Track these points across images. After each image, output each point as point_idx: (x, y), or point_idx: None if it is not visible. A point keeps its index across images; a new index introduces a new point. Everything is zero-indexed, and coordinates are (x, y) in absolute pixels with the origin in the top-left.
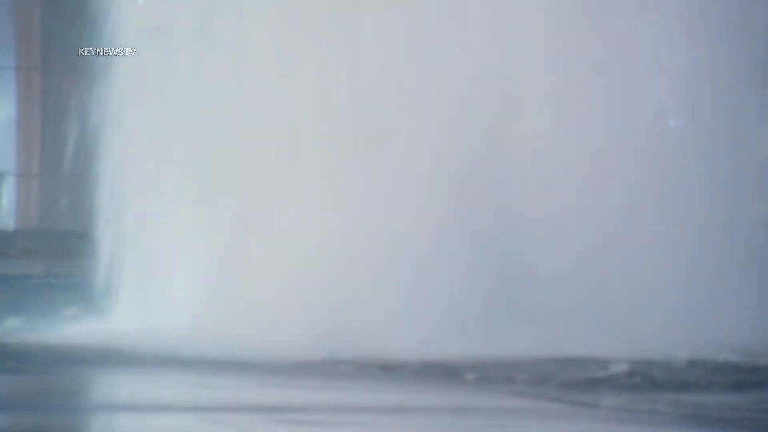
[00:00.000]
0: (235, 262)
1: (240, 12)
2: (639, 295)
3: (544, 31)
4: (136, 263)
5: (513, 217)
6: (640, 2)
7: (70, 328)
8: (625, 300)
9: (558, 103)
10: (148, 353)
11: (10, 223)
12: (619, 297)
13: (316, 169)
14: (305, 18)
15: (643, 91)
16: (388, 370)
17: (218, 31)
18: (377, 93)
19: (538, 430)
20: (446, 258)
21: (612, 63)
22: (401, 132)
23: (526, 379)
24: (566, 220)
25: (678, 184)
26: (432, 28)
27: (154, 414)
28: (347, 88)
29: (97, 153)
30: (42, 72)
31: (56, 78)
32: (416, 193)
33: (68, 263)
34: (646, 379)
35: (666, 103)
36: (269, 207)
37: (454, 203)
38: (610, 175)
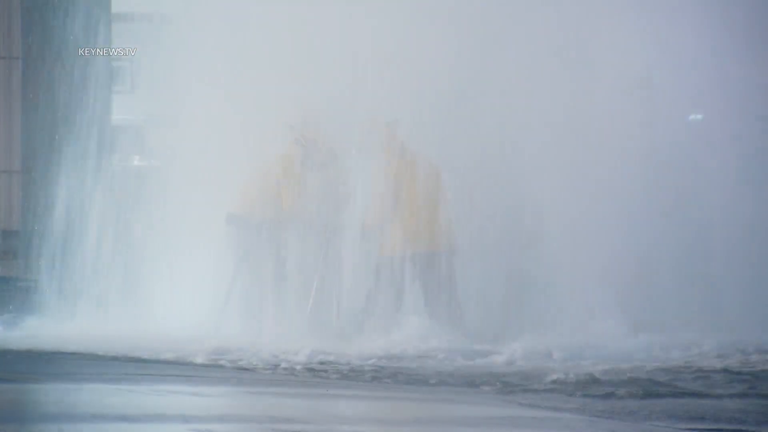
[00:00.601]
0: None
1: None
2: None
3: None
4: (71, 264)
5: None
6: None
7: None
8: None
9: (564, 103)
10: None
11: None
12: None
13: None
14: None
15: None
16: (405, 380)
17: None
18: (378, 88)
19: None
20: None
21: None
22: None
23: (543, 390)
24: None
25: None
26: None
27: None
28: (349, 85)
29: (67, 150)
30: (24, 62)
31: (39, 68)
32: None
33: (44, 265)
34: (669, 389)
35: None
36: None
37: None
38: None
